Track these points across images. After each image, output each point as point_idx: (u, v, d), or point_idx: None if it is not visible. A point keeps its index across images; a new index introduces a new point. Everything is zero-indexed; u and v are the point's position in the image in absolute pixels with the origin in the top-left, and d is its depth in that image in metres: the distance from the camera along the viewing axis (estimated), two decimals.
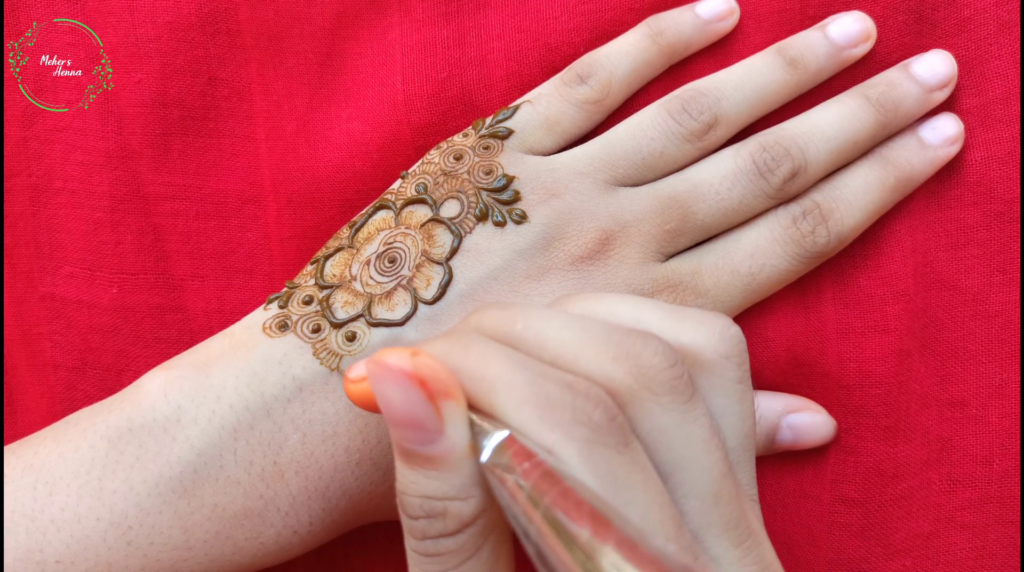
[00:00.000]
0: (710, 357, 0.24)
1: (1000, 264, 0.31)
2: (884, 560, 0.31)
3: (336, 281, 0.29)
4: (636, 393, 0.22)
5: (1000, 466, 0.31)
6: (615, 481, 0.20)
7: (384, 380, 0.21)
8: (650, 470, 0.21)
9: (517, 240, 0.28)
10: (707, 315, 0.24)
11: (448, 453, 0.21)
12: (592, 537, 0.18)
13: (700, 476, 0.22)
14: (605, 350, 0.22)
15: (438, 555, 0.22)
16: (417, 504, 0.21)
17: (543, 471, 0.19)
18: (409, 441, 0.21)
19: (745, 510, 0.23)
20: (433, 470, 0.21)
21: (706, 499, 0.22)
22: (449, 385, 0.21)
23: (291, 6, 0.32)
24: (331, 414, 0.27)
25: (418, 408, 0.21)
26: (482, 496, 0.21)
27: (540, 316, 0.23)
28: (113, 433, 0.26)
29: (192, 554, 0.26)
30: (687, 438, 0.22)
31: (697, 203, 0.29)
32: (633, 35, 0.31)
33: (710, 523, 0.23)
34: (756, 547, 0.23)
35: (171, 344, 0.32)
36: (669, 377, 0.22)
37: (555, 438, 0.20)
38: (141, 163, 0.32)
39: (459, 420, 0.21)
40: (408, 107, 0.31)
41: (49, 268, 0.33)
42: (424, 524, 0.21)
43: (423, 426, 0.21)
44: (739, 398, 0.24)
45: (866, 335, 0.31)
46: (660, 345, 0.22)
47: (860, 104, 0.30)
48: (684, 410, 0.22)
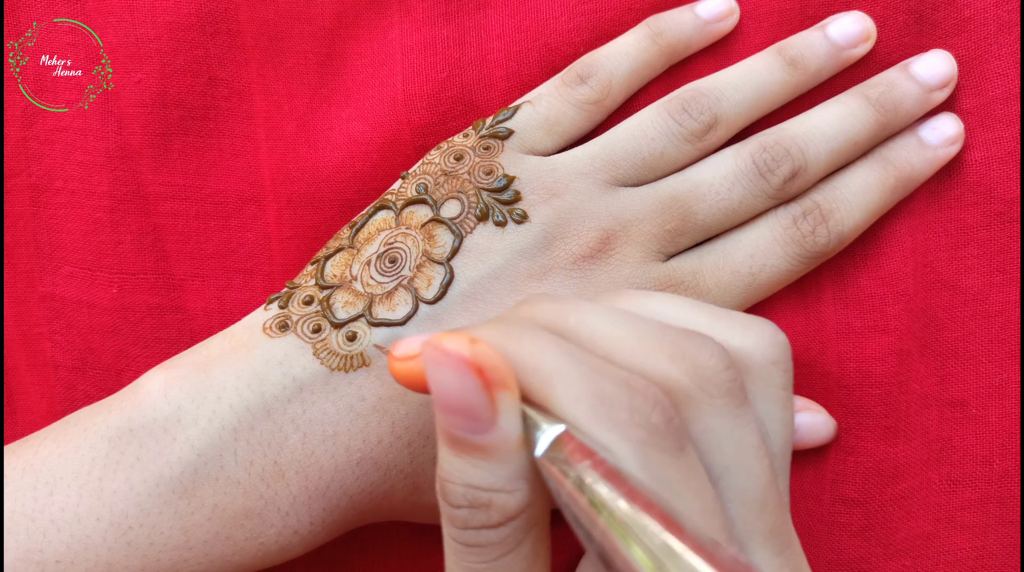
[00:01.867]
0: (758, 362, 0.23)
1: (1000, 264, 0.31)
2: (884, 560, 0.31)
3: (337, 281, 0.29)
4: (692, 394, 0.22)
5: (1000, 466, 0.31)
6: (670, 485, 0.20)
7: (440, 364, 0.20)
8: (703, 476, 0.21)
9: (518, 239, 0.28)
10: (755, 320, 0.24)
11: (500, 444, 0.20)
12: (666, 542, 0.17)
13: (748, 482, 0.22)
14: (660, 349, 0.22)
15: (479, 546, 0.21)
16: (461, 493, 0.21)
17: (607, 469, 0.19)
18: (459, 428, 0.20)
19: (786, 519, 0.23)
20: (482, 460, 0.20)
21: (752, 506, 0.22)
22: (506, 376, 0.20)
23: (291, 6, 0.32)
24: (331, 414, 0.27)
25: (473, 396, 0.20)
26: (528, 490, 0.21)
27: (593, 310, 0.22)
28: (113, 433, 0.26)
29: (192, 554, 0.26)
30: (739, 443, 0.22)
31: (697, 203, 0.29)
32: (633, 35, 0.31)
33: (755, 530, 0.22)
34: (795, 557, 0.23)
35: (171, 344, 0.32)
36: (725, 380, 0.22)
37: (611, 437, 0.20)
38: (141, 163, 0.32)
39: (513, 412, 0.20)
40: (408, 107, 0.31)
41: (49, 268, 0.33)
42: (467, 514, 0.21)
43: (476, 415, 0.20)
44: (783, 405, 0.24)
45: (866, 335, 0.31)
46: (716, 347, 0.22)
47: (860, 104, 0.30)
48: (737, 414, 0.22)
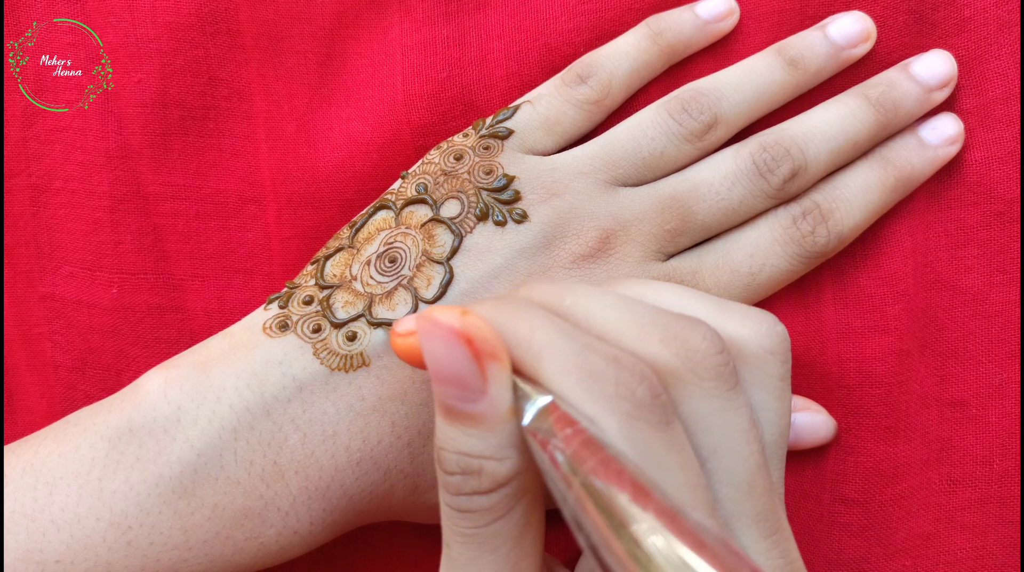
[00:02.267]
0: (754, 351, 0.24)
1: (1000, 264, 0.31)
2: (884, 560, 0.31)
3: (336, 281, 0.29)
4: (681, 375, 0.22)
5: (1000, 466, 0.31)
6: (653, 458, 0.21)
7: (432, 336, 0.21)
8: (689, 452, 0.22)
9: (518, 239, 0.28)
10: (754, 310, 0.24)
11: (489, 412, 0.21)
12: (631, 504, 0.18)
13: (736, 465, 0.23)
14: (652, 331, 0.22)
15: (470, 511, 0.22)
16: (454, 460, 0.22)
17: (584, 438, 0.19)
18: (451, 398, 0.21)
19: (776, 505, 0.23)
20: (473, 428, 0.21)
21: (740, 488, 0.23)
22: (495, 347, 0.21)
23: (291, 6, 0.32)
24: (331, 414, 0.27)
25: (463, 365, 0.21)
26: (518, 458, 0.21)
27: (589, 293, 0.23)
28: (113, 433, 0.26)
29: (192, 554, 0.26)
30: (727, 425, 0.22)
31: (697, 203, 0.29)
32: (633, 35, 0.31)
33: (742, 512, 0.23)
34: (783, 542, 0.23)
35: (171, 344, 0.32)
36: (715, 363, 0.22)
37: (597, 409, 0.20)
38: (141, 163, 0.32)
39: (503, 381, 0.21)
40: (408, 107, 0.31)
41: (49, 268, 0.33)
42: (459, 480, 0.22)
43: (466, 384, 0.21)
44: (778, 395, 0.24)
45: (866, 335, 0.31)
46: (708, 331, 0.22)
47: (860, 104, 0.30)
48: (726, 397, 0.22)
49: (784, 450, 0.25)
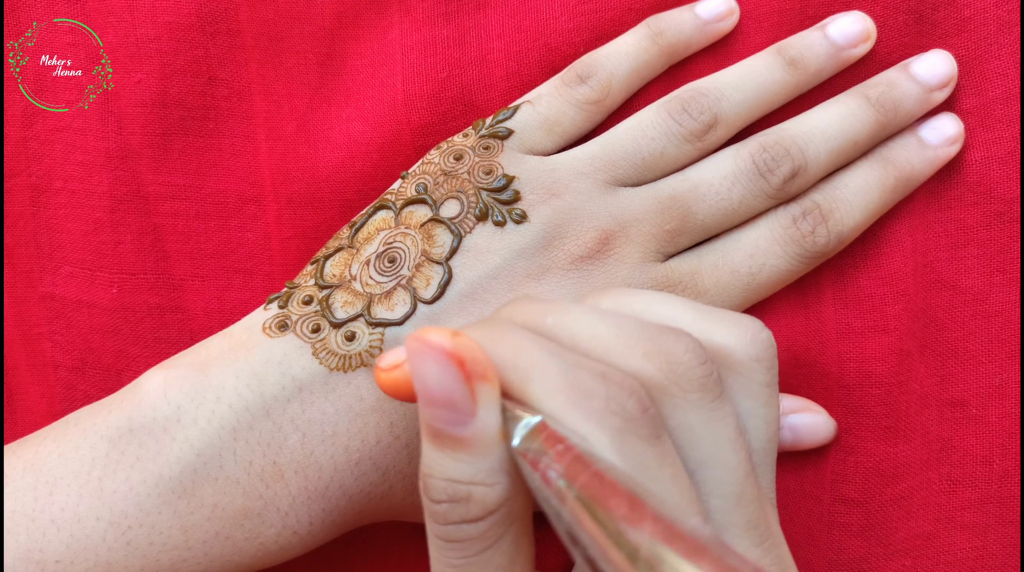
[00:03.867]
0: (740, 359, 0.24)
1: (1000, 264, 0.31)
2: (884, 560, 0.31)
3: (336, 281, 0.29)
4: (666, 389, 0.22)
5: (1000, 466, 0.31)
6: (646, 472, 0.21)
7: (423, 356, 0.21)
8: (679, 464, 0.22)
9: (517, 239, 0.28)
10: (740, 317, 0.24)
11: (479, 436, 0.21)
12: (628, 514, 0.18)
13: (725, 475, 0.23)
14: (636, 345, 0.22)
15: (459, 541, 0.22)
16: (442, 487, 0.21)
17: (575, 454, 0.19)
18: (440, 421, 0.21)
19: (766, 512, 0.24)
20: (462, 453, 0.21)
21: (729, 498, 0.23)
22: (486, 368, 0.21)
23: (291, 6, 0.32)
24: (330, 414, 0.27)
25: (453, 387, 0.21)
26: (508, 483, 0.21)
27: (570, 310, 0.23)
28: (113, 433, 0.26)
29: (192, 554, 0.26)
30: (714, 436, 0.22)
31: (697, 203, 0.29)
32: (633, 35, 0.31)
33: (732, 522, 0.23)
34: (775, 548, 0.23)
35: (171, 344, 0.32)
36: (699, 375, 0.22)
37: (588, 426, 0.20)
38: (141, 163, 0.32)
39: (492, 404, 0.21)
40: (408, 107, 0.31)
41: (49, 268, 0.33)
42: (447, 508, 0.21)
43: (456, 406, 0.21)
44: (765, 402, 0.24)
45: (866, 335, 0.31)
46: (691, 342, 0.22)
47: (860, 104, 0.30)
48: (712, 408, 0.22)
49: (773, 456, 0.25)
